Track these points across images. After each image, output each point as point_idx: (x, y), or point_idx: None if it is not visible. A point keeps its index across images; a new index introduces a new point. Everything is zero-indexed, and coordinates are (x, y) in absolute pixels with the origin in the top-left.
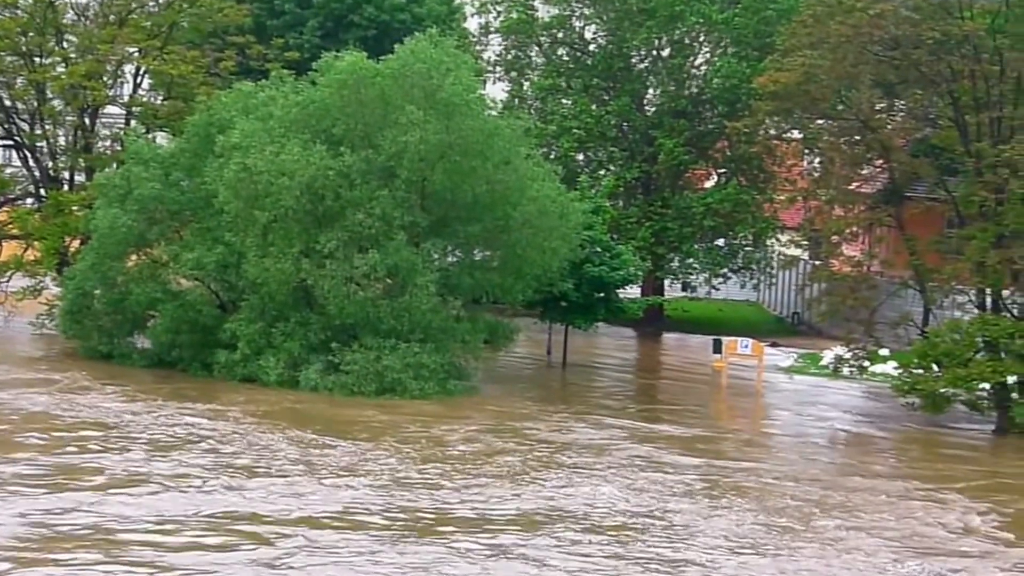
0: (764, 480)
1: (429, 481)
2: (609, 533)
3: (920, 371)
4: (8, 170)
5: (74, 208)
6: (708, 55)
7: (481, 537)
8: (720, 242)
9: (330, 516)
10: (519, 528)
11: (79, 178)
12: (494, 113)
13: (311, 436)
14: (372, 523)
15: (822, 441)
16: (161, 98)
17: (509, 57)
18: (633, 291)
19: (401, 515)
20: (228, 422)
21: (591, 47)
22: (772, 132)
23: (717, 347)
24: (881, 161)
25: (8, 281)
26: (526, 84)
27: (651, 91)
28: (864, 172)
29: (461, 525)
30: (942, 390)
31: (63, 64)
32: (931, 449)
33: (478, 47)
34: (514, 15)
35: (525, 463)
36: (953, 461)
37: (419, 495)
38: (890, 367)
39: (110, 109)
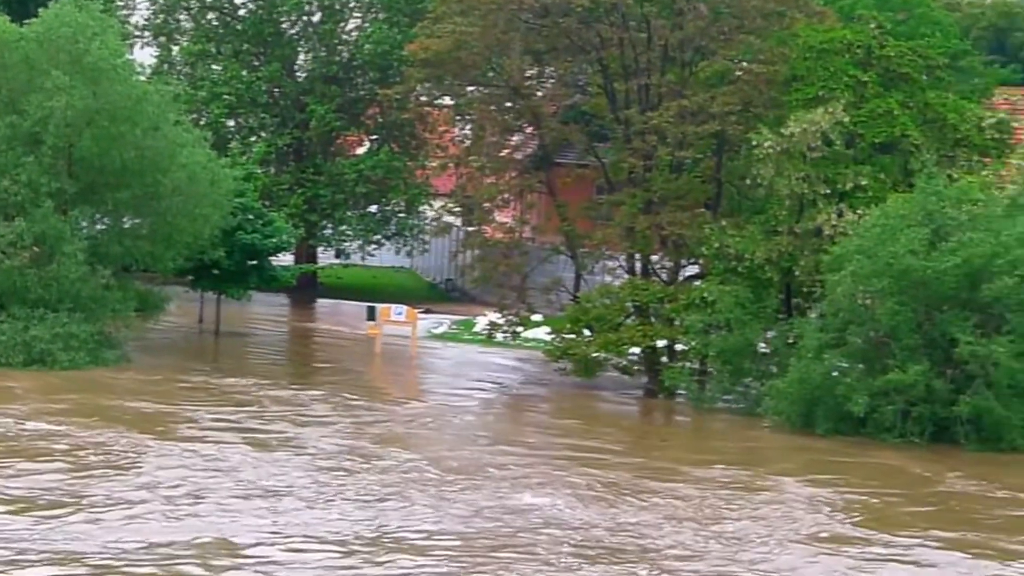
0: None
1: None
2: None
3: (572, 336)
4: None
5: None
6: (359, 21)
7: None
8: (373, 209)
9: None
10: None
11: None
12: (143, 78)
13: None
14: None
15: (475, 407)
16: None
17: (157, 21)
18: (286, 258)
19: None
20: None
21: (241, 12)
22: (424, 99)
23: (371, 314)
24: (532, 128)
25: None
26: (175, 49)
27: (302, 57)
28: (515, 139)
29: None
30: (593, 354)
31: None
32: (583, 410)
33: (125, 11)
34: None
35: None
36: (603, 423)
37: None
38: (543, 332)
39: None
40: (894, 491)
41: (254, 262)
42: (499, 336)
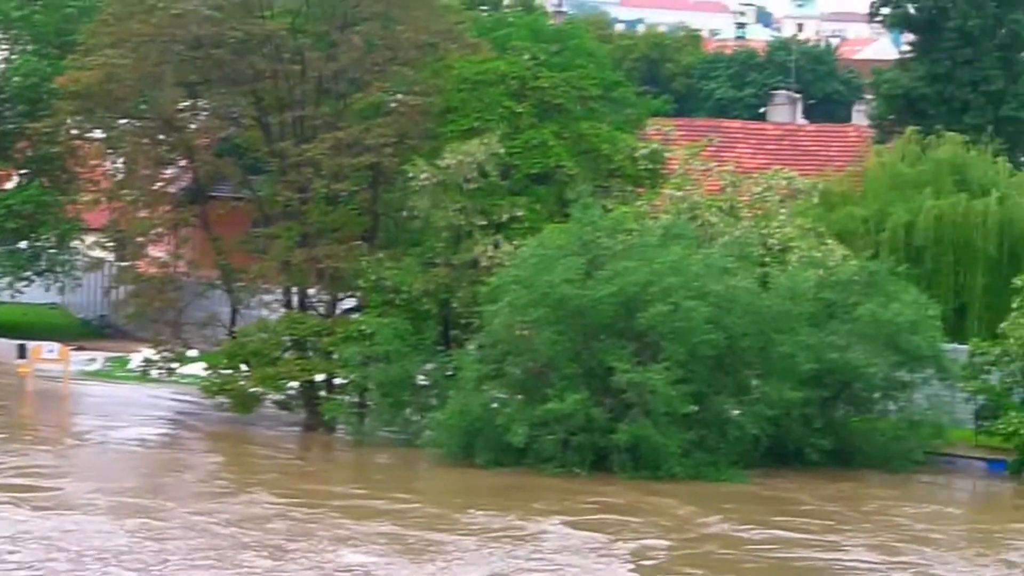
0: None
1: None
2: None
3: (229, 371)
4: None
5: None
6: (7, 53)
7: None
8: (23, 245)
9: None
10: None
11: None
12: None
13: None
14: None
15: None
16: None
17: None
18: None
19: None
20: None
21: None
22: (75, 132)
23: (22, 352)
24: (185, 161)
25: None
26: None
27: None
28: (169, 172)
29: None
30: (251, 390)
31: None
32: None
33: None
34: None
35: None
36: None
37: None
38: (199, 368)
39: None
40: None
41: None
42: (154, 373)
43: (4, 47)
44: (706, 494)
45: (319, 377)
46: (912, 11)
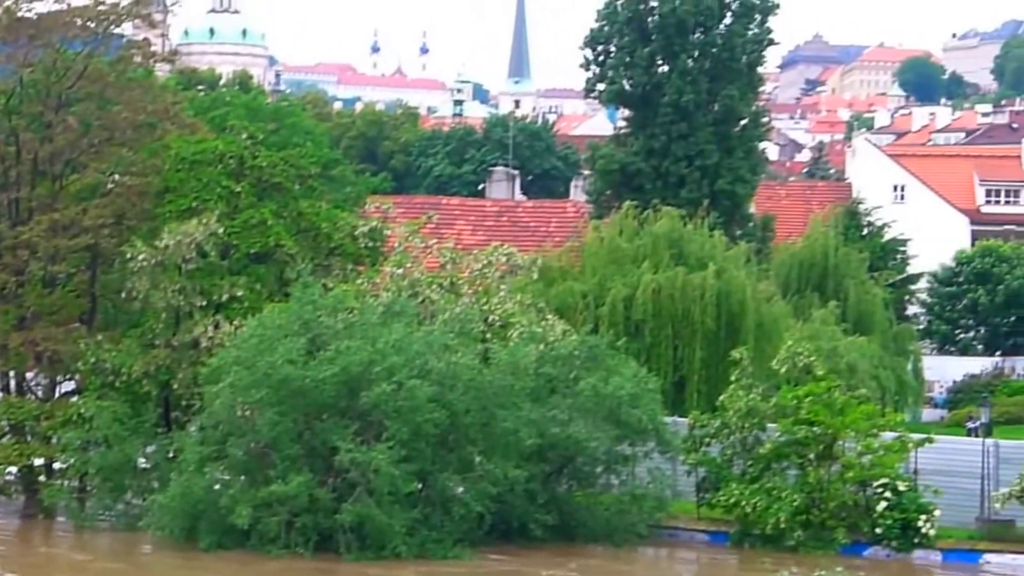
0: None
1: None
2: None
3: None
4: None
5: None
6: None
7: None
8: None
9: None
10: None
11: None
12: None
13: None
14: None
15: None
16: None
17: None
18: None
19: None
20: None
21: None
22: None
23: None
24: None
25: None
26: None
27: None
28: None
29: None
30: None
31: None
32: None
33: None
34: None
35: None
36: None
37: None
38: None
39: None
40: None
41: None
42: None
43: None
44: (432, 572)
45: (38, 461)
46: (627, 87)
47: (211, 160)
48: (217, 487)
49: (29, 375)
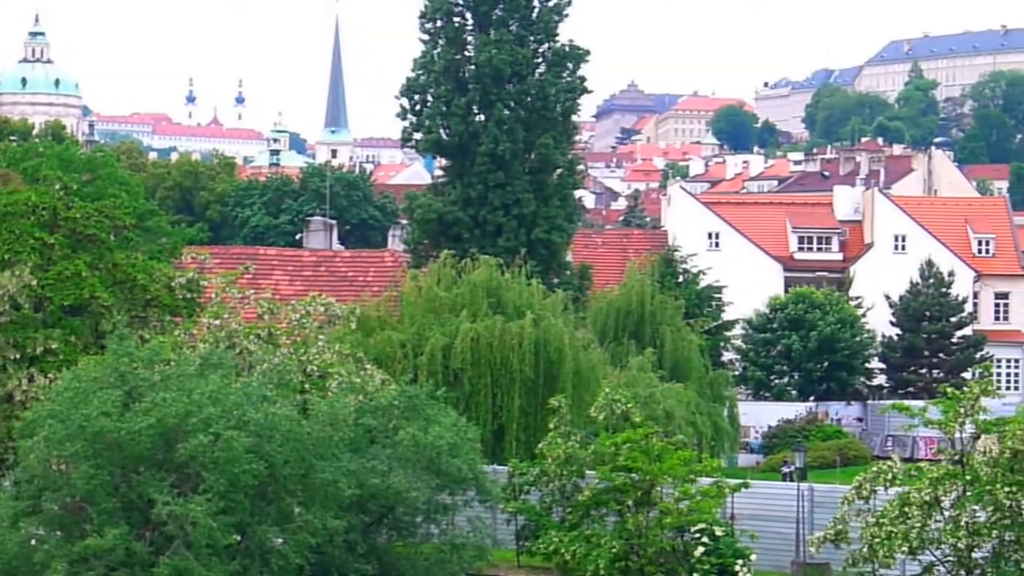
0: None
1: None
2: None
3: None
4: None
5: None
6: None
7: None
8: None
9: None
10: None
11: None
12: None
13: None
14: None
15: None
16: None
17: None
18: None
19: None
20: None
21: None
22: None
23: None
24: None
25: None
26: None
27: None
28: None
29: None
30: None
31: None
32: None
33: None
34: None
35: None
36: None
37: None
38: None
39: None
40: None
41: None
42: None
43: None
44: None
45: None
46: (444, 136)
47: (24, 211)
48: (32, 542)
49: None
